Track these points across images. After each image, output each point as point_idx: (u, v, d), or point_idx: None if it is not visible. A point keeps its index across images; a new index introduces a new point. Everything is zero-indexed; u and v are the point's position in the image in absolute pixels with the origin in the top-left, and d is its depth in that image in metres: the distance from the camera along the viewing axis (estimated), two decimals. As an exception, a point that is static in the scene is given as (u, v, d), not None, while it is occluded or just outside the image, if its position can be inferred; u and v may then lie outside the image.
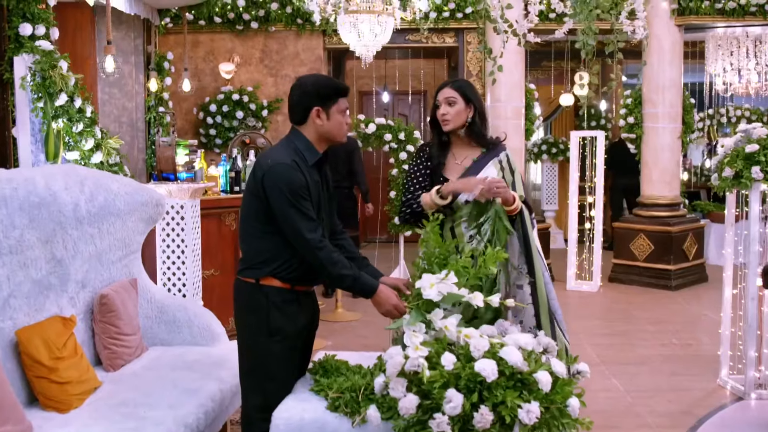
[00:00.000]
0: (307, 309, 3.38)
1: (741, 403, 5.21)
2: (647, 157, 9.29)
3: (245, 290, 3.28)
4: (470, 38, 9.50)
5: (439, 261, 3.25)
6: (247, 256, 3.28)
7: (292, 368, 3.32)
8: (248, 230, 3.25)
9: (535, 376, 2.82)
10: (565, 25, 5.10)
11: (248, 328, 3.31)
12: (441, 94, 3.69)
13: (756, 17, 9.11)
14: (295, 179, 3.11)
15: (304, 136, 3.25)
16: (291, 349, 3.29)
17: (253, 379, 3.31)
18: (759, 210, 5.14)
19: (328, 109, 3.21)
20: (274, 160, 3.15)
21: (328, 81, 3.30)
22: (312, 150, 3.23)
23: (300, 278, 3.26)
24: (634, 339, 6.82)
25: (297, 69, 9.64)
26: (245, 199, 3.28)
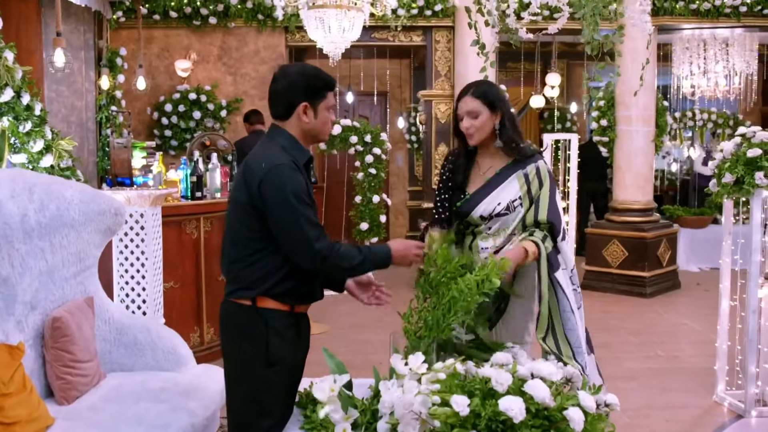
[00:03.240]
0: (306, 334, 2.98)
1: (742, 422, 4.92)
2: (620, 161, 9.04)
3: (239, 314, 2.82)
4: (439, 37, 9.16)
5: (445, 281, 2.87)
6: (237, 276, 2.82)
7: (289, 403, 2.88)
8: (239, 246, 2.81)
9: (565, 413, 2.45)
10: (559, 20, 4.76)
11: (242, 357, 2.84)
12: (462, 105, 3.22)
13: (730, 19, 8.93)
14: (297, 182, 2.71)
15: (288, 133, 2.82)
16: (292, 380, 2.89)
17: (246, 416, 2.87)
18: (761, 218, 4.85)
19: (315, 105, 2.80)
20: (269, 162, 2.72)
21: (317, 72, 2.87)
22: (300, 149, 2.82)
23: (301, 297, 2.86)
24: (618, 351, 6.52)
25: (257, 67, 9.20)
26: (233, 211, 2.85)
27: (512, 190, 3.25)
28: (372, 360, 5.59)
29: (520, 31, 4.72)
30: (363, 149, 8.58)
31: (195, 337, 5.76)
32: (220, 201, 6.03)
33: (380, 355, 5.56)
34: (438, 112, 9.37)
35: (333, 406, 2.61)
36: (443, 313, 2.85)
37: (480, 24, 4.45)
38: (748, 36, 10.33)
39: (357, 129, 8.59)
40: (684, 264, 10.20)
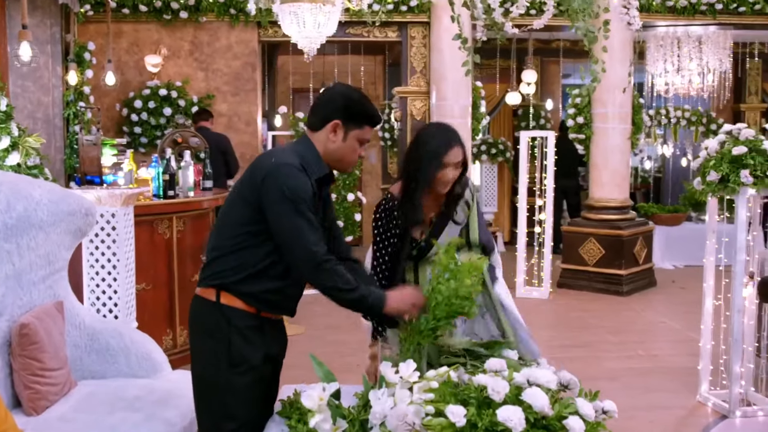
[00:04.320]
0: (275, 338, 2.87)
1: (726, 422, 4.86)
2: (597, 159, 8.98)
3: (203, 311, 2.77)
4: (414, 32, 9.04)
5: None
6: (212, 262, 2.75)
7: (256, 407, 2.78)
8: (223, 234, 2.73)
9: (565, 422, 2.34)
10: (545, 15, 4.68)
11: (206, 356, 2.77)
12: (451, 155, 3.08)
13: (706, 16, 8.92)
14: (302, 183, 2.60)
15: (312, 144, 2.75)
16: (256, 383, 2.76)
17: (209, 418, 2.78)
18: (746, 216, 4.79)
19: (348, 129, 2.72)
20: (278, 159, 2.65)
21: (364, 101, 2.79)
22: (318, 162, 2.72)
23: (268, 304, 2.75)
24: (597, 351, 6.45)
25: (230, 63, 9.02)
26: (230, 199, 2.77)
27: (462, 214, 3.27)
28: (349, 362, 5.49)
29: (506, 26, 4.62)
30: (338, 147, 8.44)
31: (168, 340, 5.60)
32: (194, 200, 5.87)
33: (357, 357, 5.45)
34: (413, 109, 9.25)
35: (322, 415, 2.49)
36: (425, 319, 2.75)
37: (464, 18, 4.33)
38: (722, 34, 10.33)
39: (331, 126, 8.45)
40: (659, 261, 10.18)
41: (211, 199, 6.12)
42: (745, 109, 13.24)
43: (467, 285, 2.72)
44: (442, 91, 8.66)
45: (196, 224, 5.89)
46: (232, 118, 9.10)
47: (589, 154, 9.15)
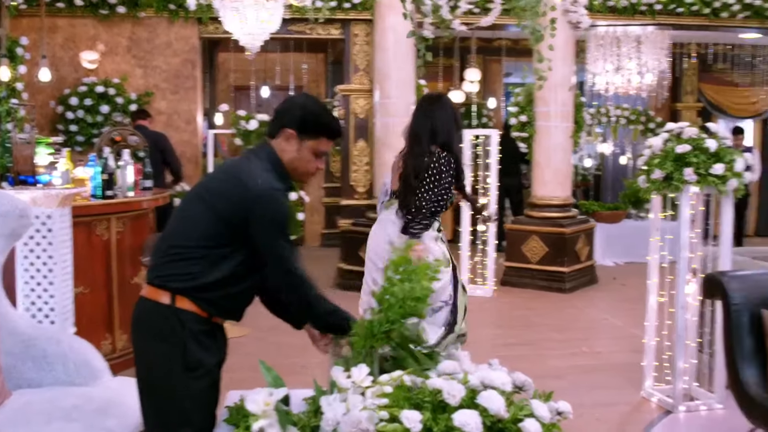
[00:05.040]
0: (222, 345, 2.81)
1: (671, 417, 4.91)
2: (539, 157, 9.04)
3: (155, 313, 2.65)
4: (358, 30, 8.97)
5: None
6: (168, 269, 2.65)
7: (210, 413, 2.72)
8: (188, 236, 2.65)
9: (521, 425, 2.31)
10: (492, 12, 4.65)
11: (158, 360, 2.66)
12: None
13: (645, 16, 9.03)
14: (286, 210, 2.65)
15: (272, 152, 2.73)
16: (211, 388, 2.70)
17: (162, 425, 2.69)
18: (689, 214, 4.84)
19: (303, 139, 2.70)
20: (264, 182, 2.62)
21: (321, 113, 2.77)
22: (281, 172, 2.73)
23: (221, 309, 2.70)
24: (542, 349, 6.48)
25: (169, 60, 8.84)
26: (197, 211, 2.67)
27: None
28: (295, 364, 5.41)
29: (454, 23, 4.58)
30: (281, 145, 8.34)
31: (107, 345, 5.43)
32: (133, 200, 5.71)
33: (303, 359, 5.37)
34: (356, 107, 9.19)
35: (268, 420, 2.41)
36: (378, 321, 2.68)
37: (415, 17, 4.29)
38: (660, 34, 10.48)
39: (273, 124, 8.34)
40: (600, 258, 10.30)
41: (150, 199, 5.96)
42: (681, 108, 13.50)
43: (424, 287, 2.66)
44: (385, 90, 8.60)
45: (135, 225, 5.73)
46: (171, 116, 8.92)
47: (531, 152, 9.19)
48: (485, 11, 7.09)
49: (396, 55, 8.36)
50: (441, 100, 4.42)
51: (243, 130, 8.24)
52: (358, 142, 9.22)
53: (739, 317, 3.85)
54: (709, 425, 4.83)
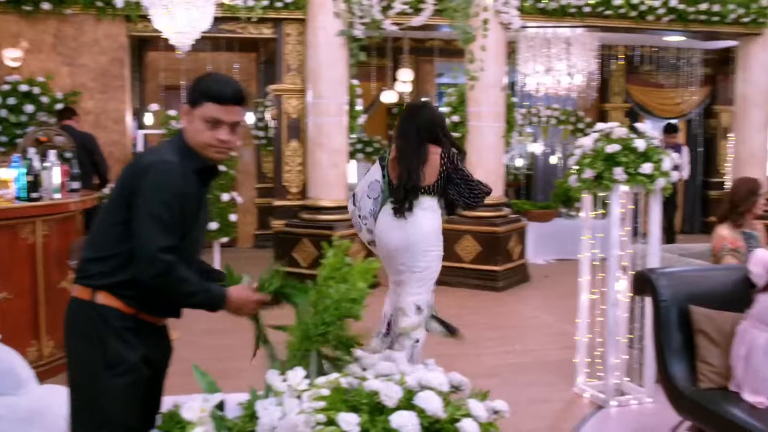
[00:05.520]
0: (156, 343, 2.75)
1: (602, 412, 5.01)
2: (472, 157, 9.06)
3: (78, 312, 2.61)
4: (290, 30, 8.88)
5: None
6: (89, 267, 2.61)
7: (136, 414, 2.63)
8: (106, 240, 2.59)
9: (458, 425, 2.31)
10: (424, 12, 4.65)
11: (80, 359, 2.62)
12: None
13: (574, 18, 9.17)
14: (176, 185, 2.50)
15: (182, 134, 2.66)
16: (135, 386, 2.62)
17: (86, 424, 2.62)
18: (619, 212, 4.93)
19: (194, 109, 2.60)
20: (157, 156, 2.56)
21: (207, 78, 2.68)
22: (188, 152, 2.61)
23: (148, 305, 2.63)
24: (477, 348, 6.50)
25: (96, 58, 8.63)
26: (112, 205, 2.62)
27: None
28: (230, 368, 5.31)
29: (385, 23, 4.57)
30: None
31: (33, 352, 5.27)
32: (60, 202, 5.56)
33: (239, 362, 5.28)
34: (289, 107, 9.11)
35: (204, 428, 2.36)
36: (315, 324, 2.66)
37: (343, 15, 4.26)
38: (589, 36, 10.67)
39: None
40: (531, 257, 10.42)
41: (78, 201, 5.81)
42: (609, 109, 13.77)
43: (360, 288, 2.65)
44: (318, 89, 8.56)
45: (62, 228, 5.58)
46: (99, 116, 8.71)
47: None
48: (418, 11, 7.10)
49: (328, 54, 8.32)
50: (421, 105, 5.37)
51: (173, 130, 8.09)
52: (290, 143, 9.15)
53: (667, 313, 3.94)
54: (640, 419, 4.93)
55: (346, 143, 8.89)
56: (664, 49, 13.30)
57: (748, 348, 3.71)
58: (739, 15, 9.77)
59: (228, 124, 2.60)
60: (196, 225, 2.67)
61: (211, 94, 2.57)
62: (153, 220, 2.46)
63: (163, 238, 2.47)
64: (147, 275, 2.49)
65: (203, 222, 2.77)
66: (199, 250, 2.84)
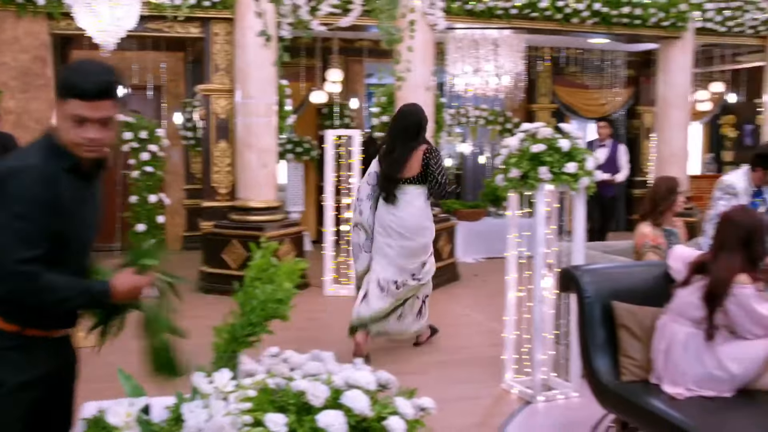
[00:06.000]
0: (53, 357, 2.59)
1: (530, 407, 5.10)
2: (401, 157, 9.13)
3: None
4: (218, 29, 8.80)
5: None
6: None
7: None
8: None
9: (385, 423, 2.33)
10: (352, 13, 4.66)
11: None
12: None
13: (501, 20, 9.29)
14: (34, 192, 2.32)
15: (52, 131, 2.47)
16: (14, 407, 2.46)
17: None
18: (545, 211, 5.02)
19: (60, 106, 2.40)
20: (17, 162, 2.39)
21: (70, 71, 2.47)
22: (57, 150, 2.41)
23: (32, 319, 2.46)
24: (408, 346, 6.55)
25: (17, 56, 8.40)
26: None
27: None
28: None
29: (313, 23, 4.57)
30: (138, 146, 8.12)
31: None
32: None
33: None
34: (217, 108, 9.03)
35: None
36: (242, 325, 2.64)
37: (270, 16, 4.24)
38: (516, 37, 10.83)
39: (131, 125, 8.11)
40: (461, 256, 10.52)
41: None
42: (537, 109, 14.01)
43: (286, 288, 2.64)
44: (247, 89, 8.51)
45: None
46: (21, 116, 8.48)
47: (394, 152, 9.28)
48: (346, 12, 7.12)
49: (257, 54, 8.27)
50: (409, 108, 6.07)
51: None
52: (219, 143, 9.07)
53: (591, 309, 4.03)
54: (567, 413, 5.03)
55: (276, 143, 8.85)
56: (588, 51, 13.59)
57: (668, 342, 3.82)
58: (660, 19, 10.04)
59: (96, 120, 2.38)
60: (80, 226, 2.50)
61: (74, 90, 2.35)
62: (7, 231, 2.30)
63: (22, 249, 2.29)
64: (3, 290, 2.34)
65: (90, 221, 2.59)
66: (89, 250, 2.65)
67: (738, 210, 4.05)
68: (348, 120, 12.52)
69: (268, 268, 2.65)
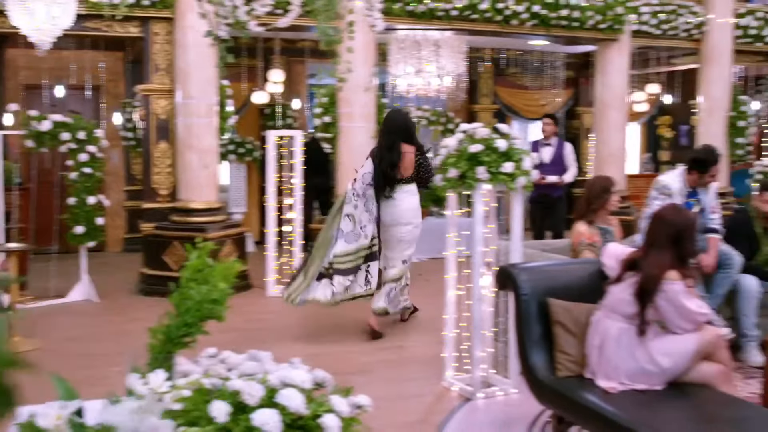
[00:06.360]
0: None
1: (470, 404, 5.15)
2: (343, 157, 9.18)
3: None
4: (158, 29, 8.71)
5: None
6: None
7: None
8: None
9: (320, 421, 2.35)
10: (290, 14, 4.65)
11: None
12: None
13: (442, 21, 9.37)
14: None
15: None
16: None
17: None
18: (483, 210, 5.09)
19: None
20: None
21: None
22: None
23: None
24: (350, 346, 6.58)
25: (-51, 56, 8.21)
26: None
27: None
28: (93, 375, 5.18)
29: (250, 24, 4.56)
30: (76, 147, 8.00)
31: None
32: None
33: (102, 369, 5.17)
34: (158, 108, 8.93)
35: (60, 435, 2.31)
36: (177, 326, 2.64)
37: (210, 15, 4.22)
38: (457, 39, 10.93)
39: (69, 125, 7.98)
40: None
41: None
42: (478, 110, 14.16)
43: (220, 289, 2.64)
44: (187, 90, 8.44)
45: None
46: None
47: (336, 152, 9.32)
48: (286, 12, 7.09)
49: (197, 54, 8.22)
50: (397, 112, 7.15)
51: (35, 132, 7.83)
52: (159, 144, 8.98)
53: (527, 306, 4.10)
54: (506, 409, 5.10)
55: (217, 144, 8.80)
56: (529, 53, 13.78)
57: (601, 337, 3.91)
58: (597, 21, 10.23)
59: None
60: None
61: None
62: None
63: None
64: None
65: None
66: None
67: (669, 209, 4.16)
68: (291, 120, 12.49)
69: (204, 268, 2.65)
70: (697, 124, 11.71)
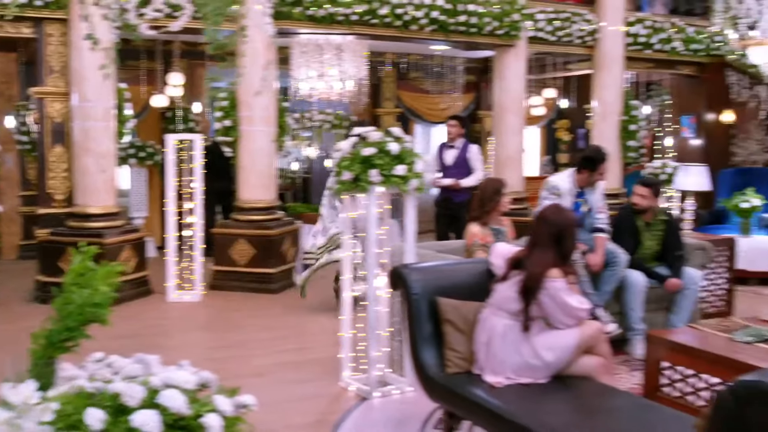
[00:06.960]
0: None
1: (366, 404, 5.24)
2: (245, 161, 9.16)
3: None
4: (52, 30, 8.50)
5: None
6: None
7: None
8: None
9: (202, 420, 2.39)
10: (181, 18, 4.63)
11: None
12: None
13: (342, 26, 9.44)
14: None
15: None
16: None
17: None
18: (377, 212, 5.18)
19: None
20: None
21: None
22: None
23: None
24: (249, 349, 6.59)
25: None
26: None
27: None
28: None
29: (141, 27, 4.53)
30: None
31: None
32: None
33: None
34: (53, 111, 8.72)
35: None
36: (59, 330, 2.63)
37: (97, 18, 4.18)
38: (359, 43, 11.03)
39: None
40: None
41: None
42: (382, 114, 14.30)
43: (102, 292, 2.65)
44: (83, 93, 8.27)
45: None
46: None
47: (237, 156, 9.29)
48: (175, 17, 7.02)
49: (93, 56, 8.01)
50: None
51: None
52: (55, 148, 8.77)
53: (418, 305, 4.21)
54: (401, 407, 5.19)
55: (115, 148, 8.65)
56: (430, 57, 13.99)
57: (488, 334, 4.05)
58: (494, 27, 10.47)
59: None
60: None
61: None
62: None
63: None
64: None
65: None
66: None
67: (550, 208, 4.32)
68: (193, 124, 12.35)
69: (86, 272, 2.65)
70: (592, 128, 12.10)
